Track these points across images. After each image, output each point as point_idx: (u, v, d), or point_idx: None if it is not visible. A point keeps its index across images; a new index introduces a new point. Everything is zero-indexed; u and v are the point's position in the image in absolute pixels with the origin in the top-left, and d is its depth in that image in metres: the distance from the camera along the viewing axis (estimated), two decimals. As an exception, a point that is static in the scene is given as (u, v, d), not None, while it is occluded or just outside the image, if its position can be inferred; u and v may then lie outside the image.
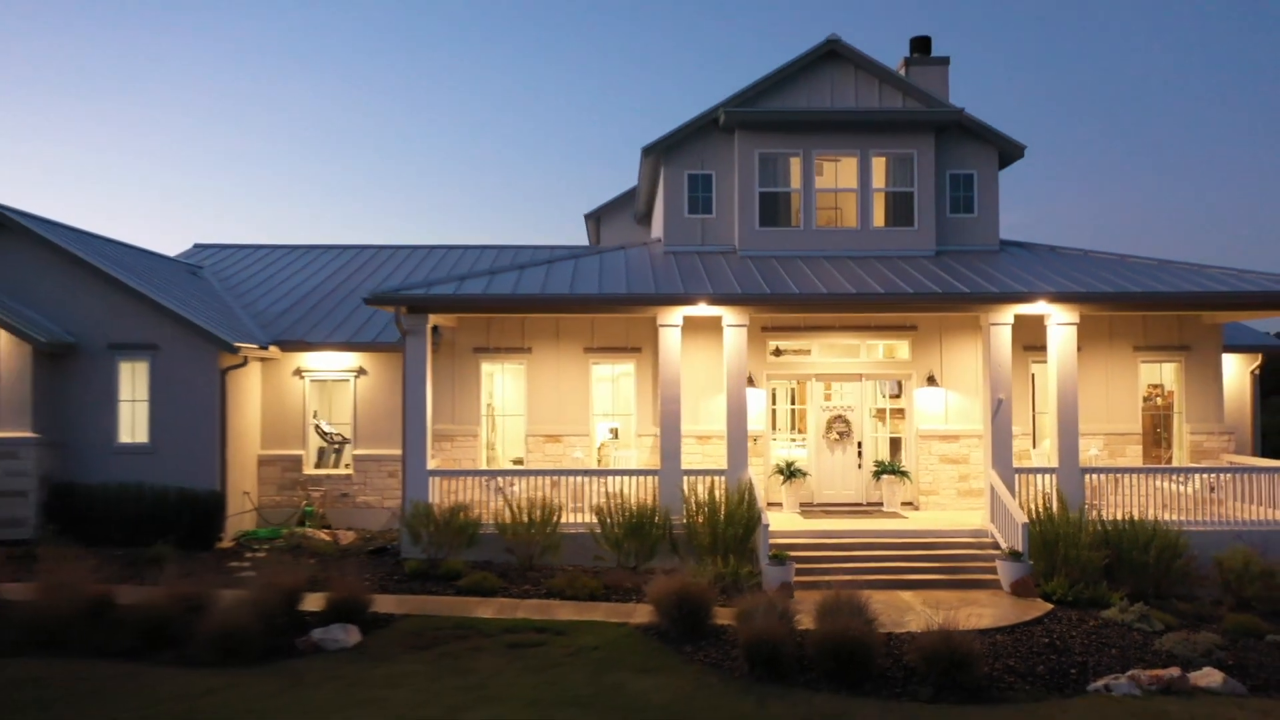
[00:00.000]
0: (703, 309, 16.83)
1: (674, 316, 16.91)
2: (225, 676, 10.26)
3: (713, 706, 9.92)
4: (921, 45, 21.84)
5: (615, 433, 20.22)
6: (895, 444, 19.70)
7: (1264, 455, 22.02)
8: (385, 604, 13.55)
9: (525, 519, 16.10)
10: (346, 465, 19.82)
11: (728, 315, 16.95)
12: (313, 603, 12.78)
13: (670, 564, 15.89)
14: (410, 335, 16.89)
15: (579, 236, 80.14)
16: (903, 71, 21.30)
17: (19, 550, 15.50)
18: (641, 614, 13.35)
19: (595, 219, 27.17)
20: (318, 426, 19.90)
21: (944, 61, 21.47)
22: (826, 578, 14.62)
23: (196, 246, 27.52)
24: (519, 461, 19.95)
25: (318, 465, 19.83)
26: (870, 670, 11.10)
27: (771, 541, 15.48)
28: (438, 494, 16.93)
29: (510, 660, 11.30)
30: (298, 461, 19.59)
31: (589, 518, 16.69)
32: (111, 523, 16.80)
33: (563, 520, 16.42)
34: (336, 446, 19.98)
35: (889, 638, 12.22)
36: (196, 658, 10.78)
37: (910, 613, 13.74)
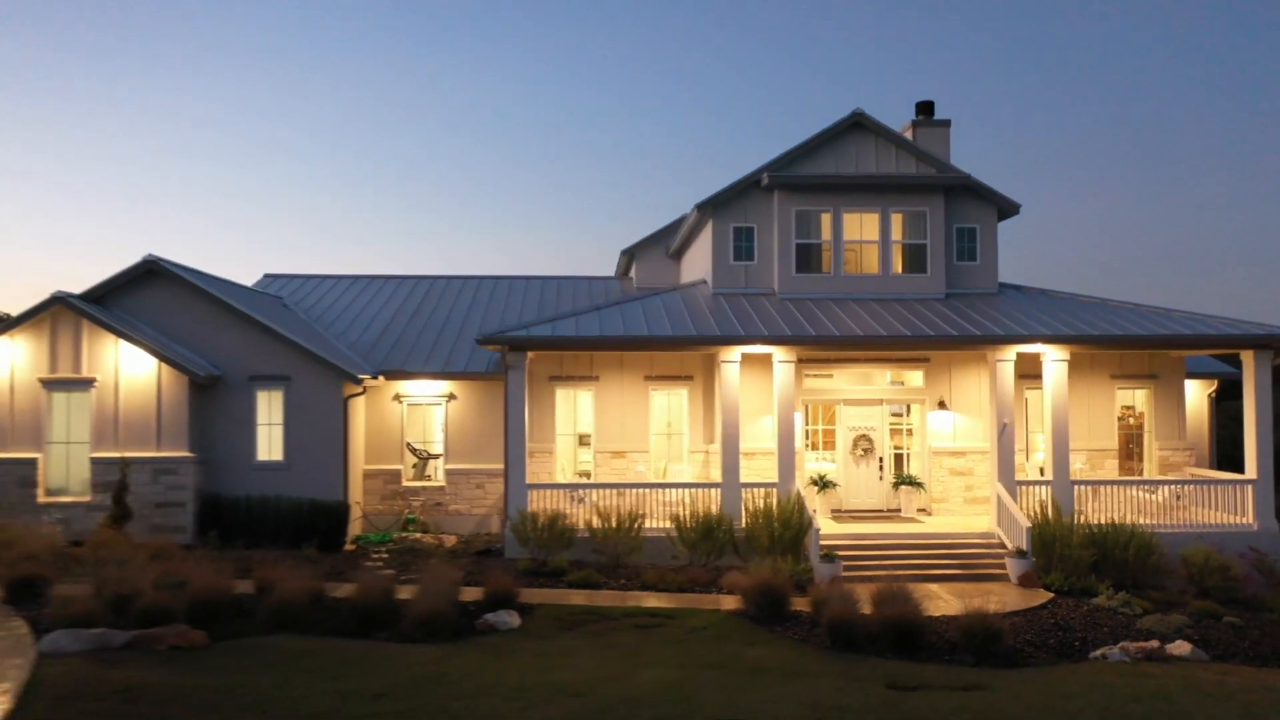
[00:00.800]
0: (759, 348, 20.08)
1: (734, 354, 20.14)
2: (436, 650, 13.30)
3: (815, 668, 13.13)
4: (926, 109, 25.19)
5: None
6: (902, 458, 23.02)
7: (1219, 466, 25.61)
8: (474, 593, 16.57)
9: (614, 525, 19.24)
10: (437, 477, 22.82)
11: (778, 353, 20.21)
12: (469, 594, 15.82)
13: (732, 562, 19.13)
14: (512, 369, 19.97)
15: (602, 264, 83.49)
16: (910, 133, 24.64)
17: (193, 553, 18.33)
18: (727, 602, 16.53)
19: (629, 254, 30.28)
20: (409, 445, 22.88)
21: (945, 124, 24.83)
22: (865, 573, 17.96)
23: (268, 276, 30.31)
24: (586, 475, 23.04)
25: (413, 479, 22.82)
26: (922, 643, 14.36)
27: (820, 542, 18.75)
28: (531, 504, 20.01)
29: (643, 637, 14.44)
30: (397, 475, 22.57)
31: (659, 523, 19.84)
32: (254, 529, 19.69)
33: (642, 525, 19.57)
34: (424, 461, 22.97)
35: (929, 619, 15.49)
36: (406, 636, 13.79)
37: (939, 600, 17.03)
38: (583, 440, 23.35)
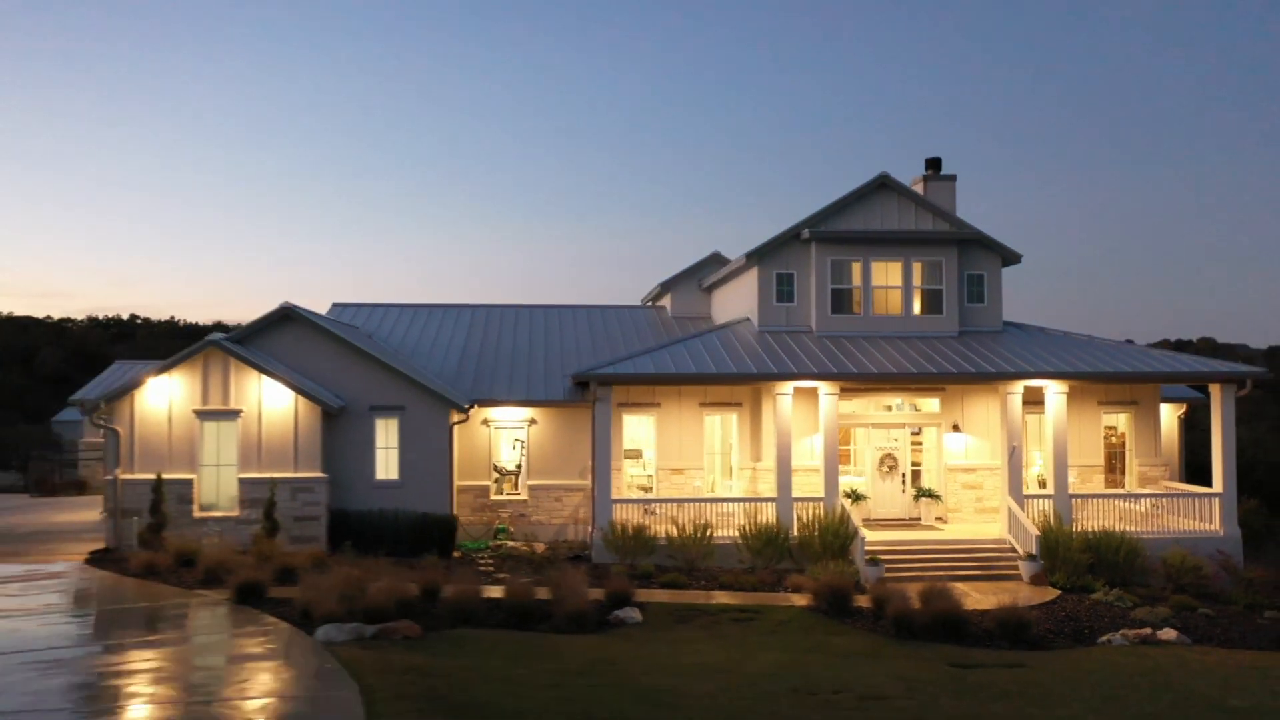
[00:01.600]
0: (809, 382, 23.61)
1: (788, 388, 23.66)
2: (588, 639, 16.65)
3: (889, 651, 16.69)
4: (934, 164, 28.85)
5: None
6: (919, 474, 26.69)
7: (1187, 479, 29.54)
8: (597, 592, 19.95)
9: (689, 533, 22.70)
10: (520, 491, 26.14)
11: (824, 387, 23.77)
12: (592, 594, 19.18)
13: (787, 566, 22.66)
14: (599, 401, 23.35)
15: (629, 291, 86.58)
16: (920, 186, 28.28)
17: (336, 560, 21.46)
18: (797, 599, 20.06)
19: (665, 286, 33.70)
20: (494, 465, 26.17)
21: (951, 178, 28.48)
22: (901, 573, 21.60)
23: (336, 306, 33.36)
24: (647, 489, 26.45)
25: (497, 493, 26.12)
26: (965, 631, 17.98)
27: (865, 549, 22.34)
28: (602, 513, 23.40)
29: (743, 629, 17.92)
30: (485, 490, 25.87)
31: (722, 532, 23.31)
32: (376, 539, 22.86)
33: (712, 534, 23.04)
34: (503, 477, 26.26)
35: (968, 611, 19.11)
36: (559, 628, 17.12)
37: (969, 597, 20.65)
38: (635, 456, 26.74)
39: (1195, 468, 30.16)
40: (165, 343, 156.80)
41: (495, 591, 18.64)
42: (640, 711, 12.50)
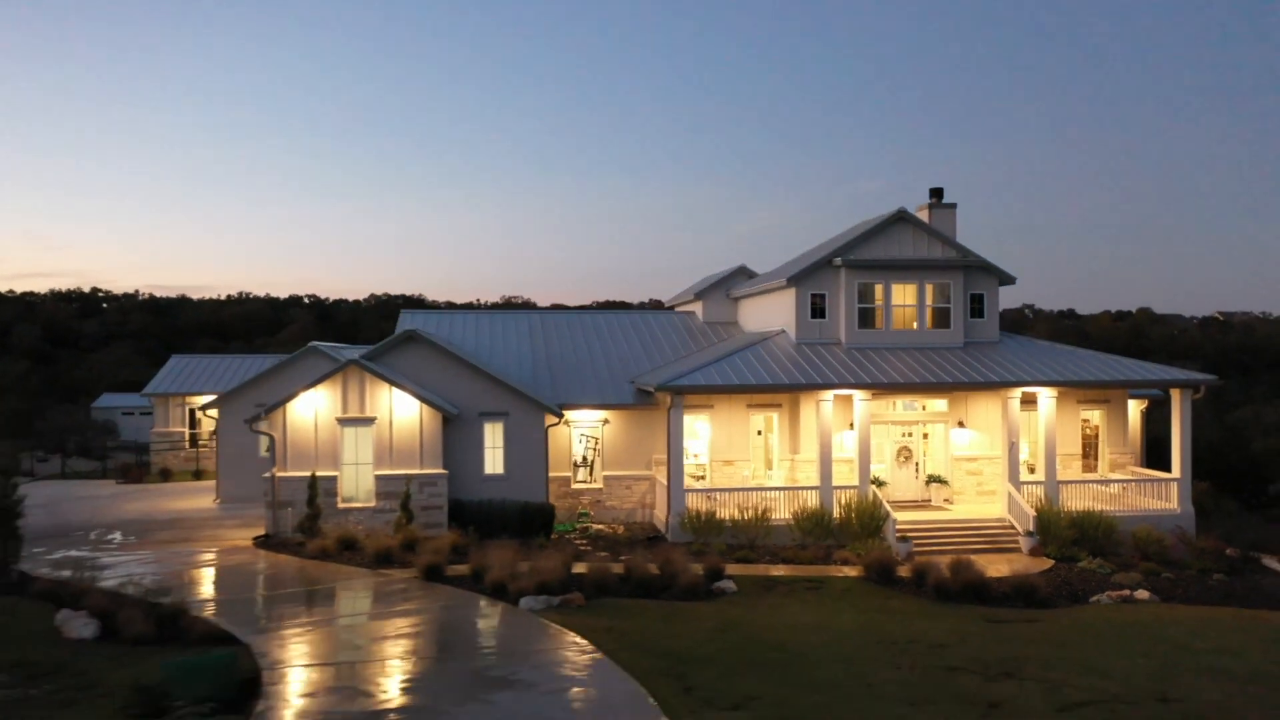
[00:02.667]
0: (846, 390, 28.39)
1: (828, 395, 28.42)
2: (705, 605, 21.29)
3: (935, 611, 21.60)
4: (937, 193, 33.62)
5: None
6: (925, 463, 31.67)
7: (1148, 464, 34.86)
8: (698, 563, 24.62)
9: (750, 516, 27.46)
10: (596, 480, 30.69)
11: (858, 394, 28.57)
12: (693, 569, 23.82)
13: (830, 543, 27.49)
14: (673, 408, 27.93)
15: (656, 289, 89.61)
16: (924, 214, 33.02)
17: (462, 542, 25.80)
18: (848, 571, 24.90)
19: (697, 294, 38.23)
20: (574, 458, 30.68)
21: (952, 206, 33.28)
22: (924, 548, 26.56)
23: (405, 312, 37.44)
24: (701, 477, 31.10)
25: (576, 482, 30.66)
26: (989, 594, 22.96)
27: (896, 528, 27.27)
28: (677, 501, 28.06)
29: (817, 595, 22.71)
30: (567, 480, 30.39)
31: (777, 515, 28.07)
32: (487, 524, 27.29)
33: (770, 516, 27.81)
34: (577, 468, 30.78)
35: (989, 578, 24.09)
36: (677, 596, 21.75)
37: (986, 567, 25.65)
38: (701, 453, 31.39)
39: (1155, 454, 35.53)
40: (136, 317, 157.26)
41: (616, 568, 23.21)
42: (779, 656, 17.26)
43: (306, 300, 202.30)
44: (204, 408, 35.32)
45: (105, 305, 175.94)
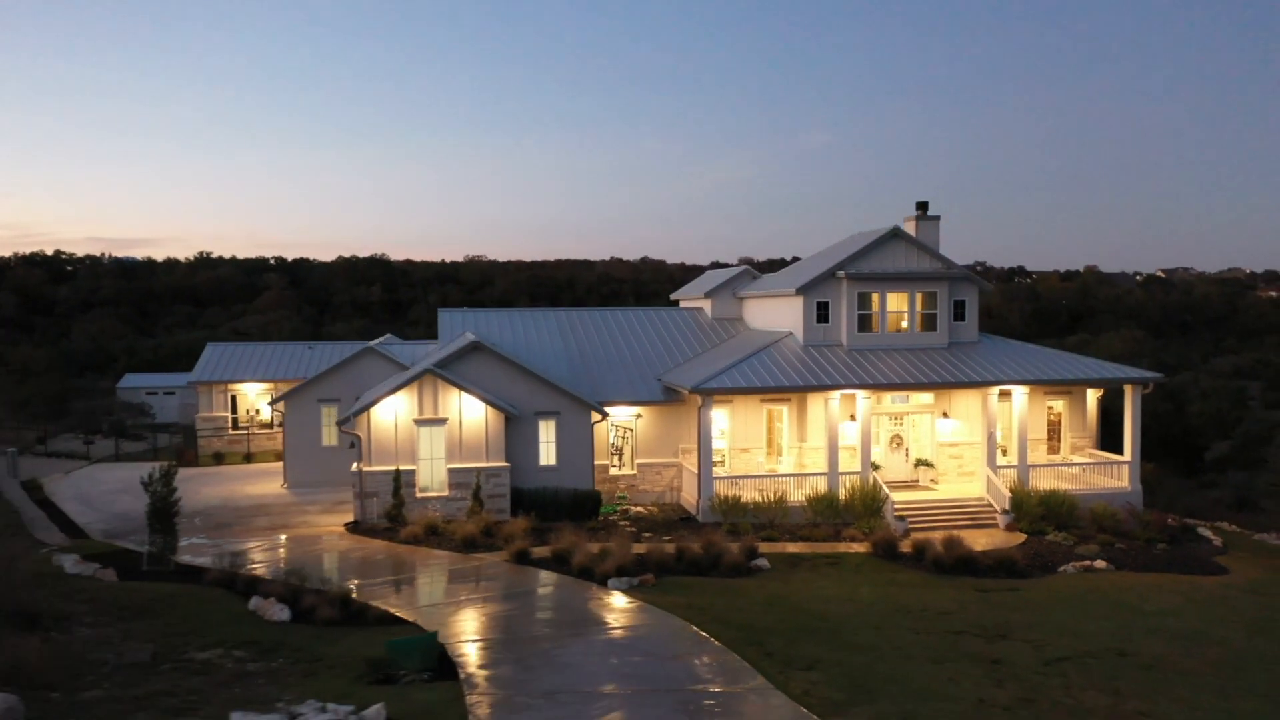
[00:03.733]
0: (850, 390, 32.90)
1: (835, 394, 32.92)
2: (749, 581, 25.75)
3: (935, 583, 26.34)
4: (923, 206, 38.09)
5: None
6: (913, 448, 36.40)
7: (1103, 446, 39.85)
8: (734, 543, 29.13)
9: (770, 499, 32.00)
10: (630, 467, 35.04)
11: (861, 393, 33.12)
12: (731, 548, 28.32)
13: (837, 521, 32.15)
14: (703, 406, 32.28)
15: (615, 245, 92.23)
16: (911, 225, 37.46)
17: (530, 525, 30.00)
18: (857, 547, 29.58)
19: (706, 293, 42.45)
20: (611, 447, 34.97)
21: (936, 218, 37.78)
22: (917, 525, 31.34)
23: (444, 312, 41.25)
24: (720, 463, 35.53)
25: (613, 469, 34.98)
26: (977, 567, 27.77)
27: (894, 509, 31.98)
28: (707, 487, 32.52)
29: (838, 570, 27.34)
30: (605, 467, 34.69)
31: (792, 497, 32.64)
32: (543, 509, 31.55)
33: (787, 499, 32.38)
34: (616, 454, 35.10)
35: (976, 552, 28.88)
36: (726, 574, 26.21)
37: (971, 542, 30.47)
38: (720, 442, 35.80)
39: (1109, 437, 40.62)
40: (108, 283, 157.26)
41: (668, 547, 27.59)
42: (824, 625, 21.86)
43: (273, 261, 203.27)
44: (272, 403, 39.04)
45: (72, 269, 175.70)
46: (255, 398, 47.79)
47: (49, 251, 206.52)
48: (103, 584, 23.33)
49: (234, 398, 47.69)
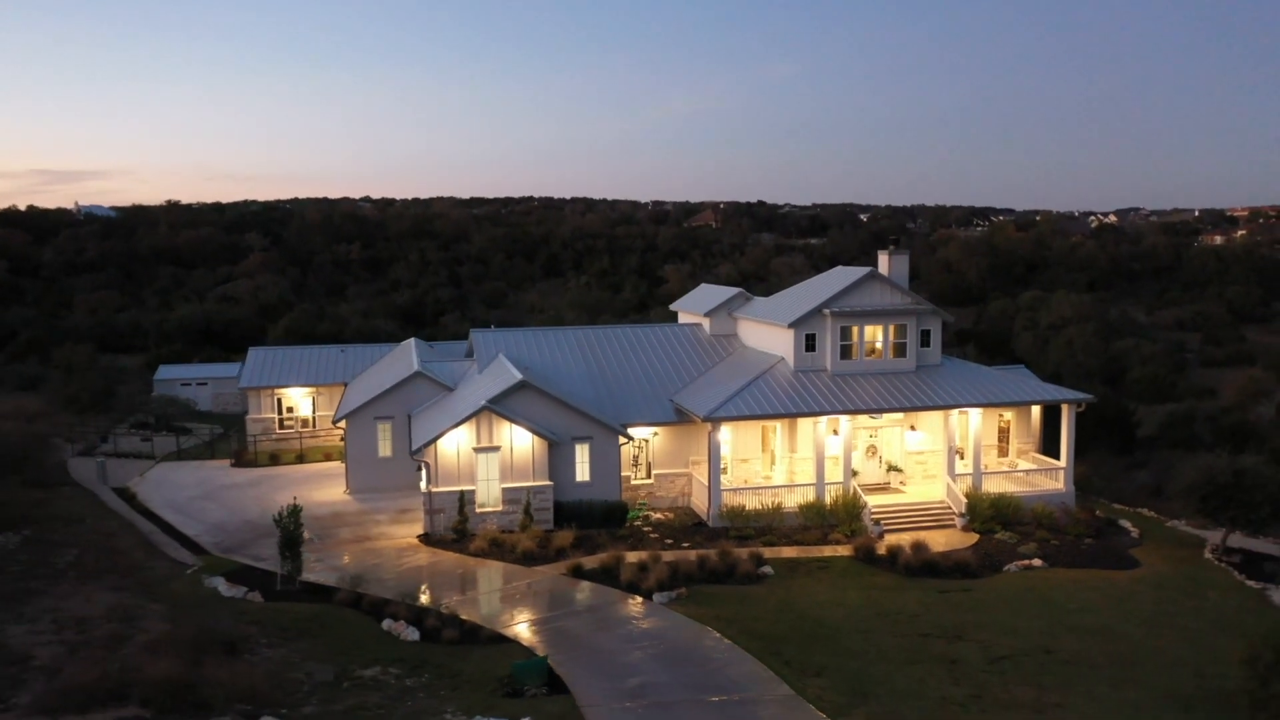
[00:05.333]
0: (836, 415, 39.32)
1: (823, 418, 39.32)
2: (758, 589, 32.24)
3: (905, 585, 33.07)
4: (895, 242, 44.35)
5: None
6: (883, 456, 43.05)
7: (1044, 452, 46.66)
8: (744, 550, 35.58)
9: (771, 506, 38.54)
10: (649, 478, 41.38)
11: (843, 417, 39.56)
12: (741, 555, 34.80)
13: (824, 526, 38.78)
14: (713, 431, 38.55)
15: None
16: (884, 258, 43.69)
17: (570, 536, 36.25)
18: (842, 550, 36.25)
19: (706, 312, 48.48)
20: (632, 459, 41.25)
21: (906, 252, 44.04)
22: (889, 527, 38.13)
23: (476, 332, 46.99)
24: (724, 471, 41.90)
25: (635, 479, 41.29)
26: (938, 569, 34.56)
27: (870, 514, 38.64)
28: (716, 498, 38.96)
29: (829, 575, 33.95)
30: (628, 478, 40.98)
31: (787, 504, 39.19)
32: (579, 519, 37.82)
33: (782, 506, 38.92)
34: (635, 465, 41.40)
35: (938, 554, 35.59)
36: (739, 581, 32.70)
37: (934, 544, 37.19)
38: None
39: (1051, 439, 47.54)
40: (93, 245, 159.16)
41: (690, 555, 33.96)
42: (825, 631, 28.47)
43: (251, 205, 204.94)
44: (335, 421, 44.75)
45: (51, 226, 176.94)
46: (299, 400, 53.40)
47: (21, 206, 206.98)
48: (255, 605, 29.35)
49: (279, 400, 53.22)
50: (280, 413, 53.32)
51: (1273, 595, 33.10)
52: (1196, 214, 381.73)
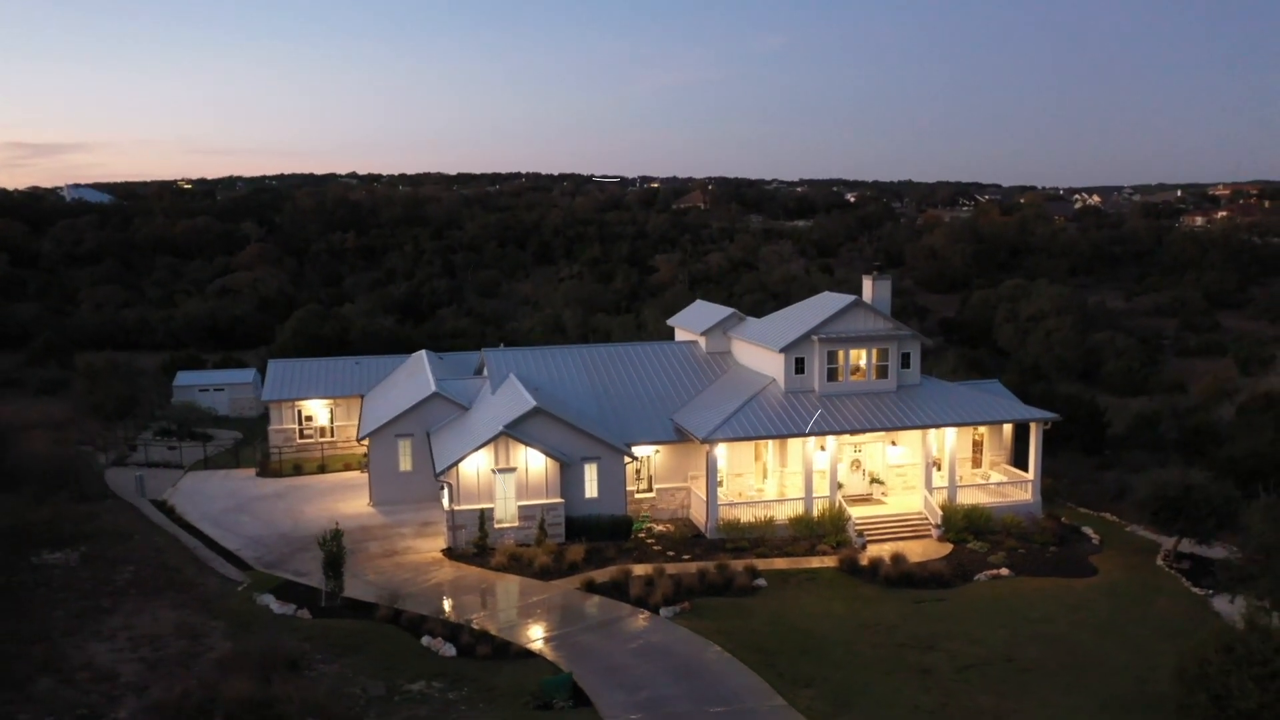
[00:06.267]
0: (825, 435, 42.86)
1: (811, 439, 42.86)
2: (752, 600, 35.83)
3: (885, 597, 36.75)
4: (879, 269, 47.77)
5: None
6: (866, 470, 46.69)
7: (1015, 462, 50.36)
8: (739, 564, 39.17)
9: (764, 519, 42.15)
10: (650, 491, 44.93)
11: (830, 437, 43.12)
12: (736, 566, 38.38)
13: (812, 537, 42.41)
14: (710, 451, 42.05)
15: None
16: (869, 283, 47.15)
17: (581, 549, 39.77)
18: (828, 562, 39.90)
19: (702, 331, 51.87)
20: (635, 473, 44.77)
21: (889, 278, 47.50)
22: (872, 538, 41.83)
23: (488, 351, 50.31)
24: (720, 484, 45.44)
25: (638, 493, 44.83)
26: (914, 580, 38.26)
27: (854, 526, 42.30)
28: (714, 512, 42.53)
29: (817, 587, 37.59)
30: (631, 492, 44.52)
31: (779, 516, 42.81)
32: (589, 532, 41.36)
33: (774, 519, 42.54)
34: (638, 480, 44.90)
35: (915, 565, 39.29)
36: (735, 594, 36.29)
37: (911, 554, 40.87)
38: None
39: (1021, 454, 51.28)
40: (91, 235, 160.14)
41: (691, 567, 37.52)
42: (813, 643, 32.11)
43: (236, 182, 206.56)
44: (360, 438, 48.07)
45: (47, 214, 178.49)
46: (318, 411, 56.69)
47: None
48: (305, 622, 32.80)
49: (299, 411, 56.49)
50: (300, 423, 56.62)
51: (1214, 602, 36.90)
52: (1179, 194, 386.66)
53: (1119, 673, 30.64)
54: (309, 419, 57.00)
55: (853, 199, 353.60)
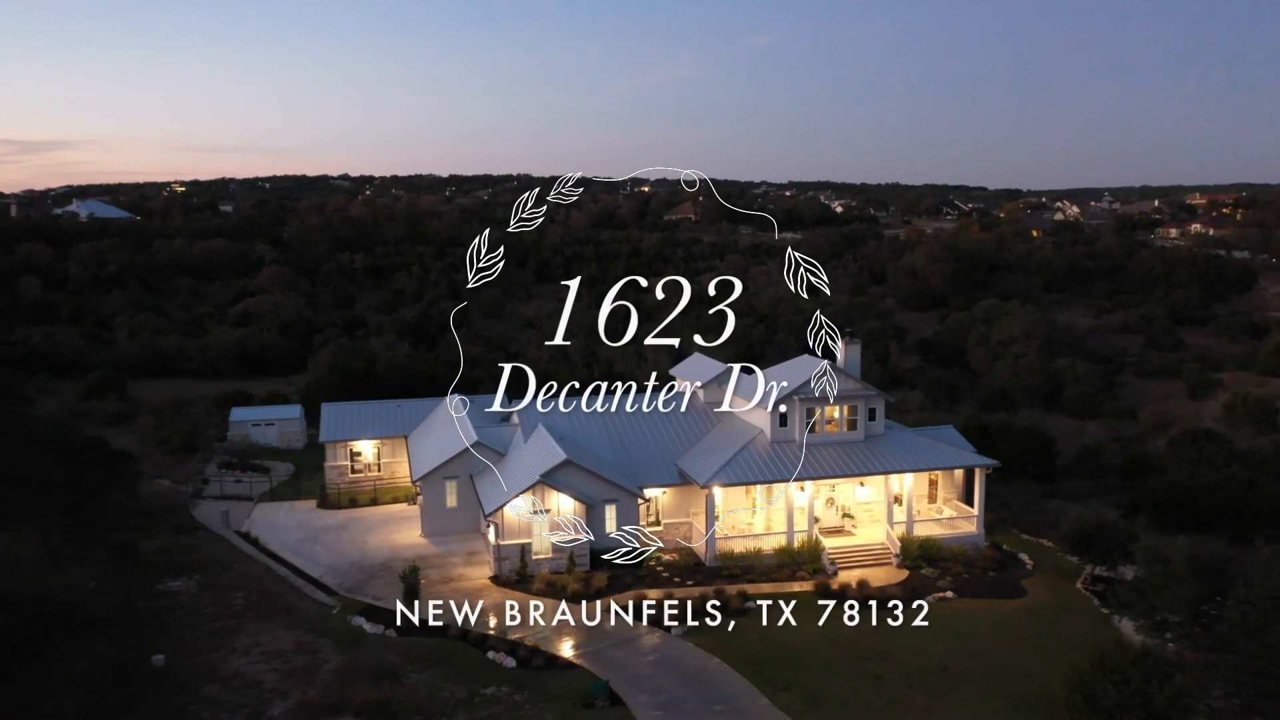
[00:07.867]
0: (806, 480, 51.81)
1: (794, 483, 51.78)
2: (748, 620, 44.76)
3: (856, 620, 45.70)
4: (850, 334, 56.80)
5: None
6: (838, 505, 55.63)
7: (964, 498, 59.34)
8: (734, 589, 47.98)
9: (754, 550, 51.07)
10: (658, 524, 53.78)
11: (809, 482, 52.07)
12: (732, 590, 47.26)
13: (793, 565, 51.34)
14: (710, 493, 50.91)
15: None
16: (842, 348, 56.08)
17: (601, 579, 48.55)
18: (808, 586, 48.82)
19: (700, 384, 60.69)
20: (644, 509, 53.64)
21: (859, 342, 56.51)
22: (843, 565, 50.86)
23: (506, 396, 59.10)
24: (716, 518, 54.32)
25: (648, 527, 53.68)
26: (883, 605, 47.20)
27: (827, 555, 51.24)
28: (712, 545, 51.40)
29: (802, 610, 46.38)
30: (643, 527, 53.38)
31: (765, 547, 51.72)
32: (608, 562, 50.16)
33: (762, 549, 51.46)
34: (646, 515, 53.76)
35: (879, 589, 48.23)
36: (733, 615, 45.18)
37: (874, 579, 49.83)
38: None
39: (969, 491, 60.34)
40: (114, 258, 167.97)
41: (695, 592, 46.31)
42: (793, 657, 41.05)
43: (230, 184, 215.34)
44: (414, 481, 56.84)
45: (62, 233, 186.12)
46: (367, 449, 65.41)
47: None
48: (393, 640, 41.50)
49: (351, 449, 65.19)
50: (351, 460, 65.33)
51: (1115, 620, 45.91)
52: (1156, 203, 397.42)
53: (1030, 679, 39.57)
54: (358, 455, 65.74)
55: (839, 209, 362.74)
